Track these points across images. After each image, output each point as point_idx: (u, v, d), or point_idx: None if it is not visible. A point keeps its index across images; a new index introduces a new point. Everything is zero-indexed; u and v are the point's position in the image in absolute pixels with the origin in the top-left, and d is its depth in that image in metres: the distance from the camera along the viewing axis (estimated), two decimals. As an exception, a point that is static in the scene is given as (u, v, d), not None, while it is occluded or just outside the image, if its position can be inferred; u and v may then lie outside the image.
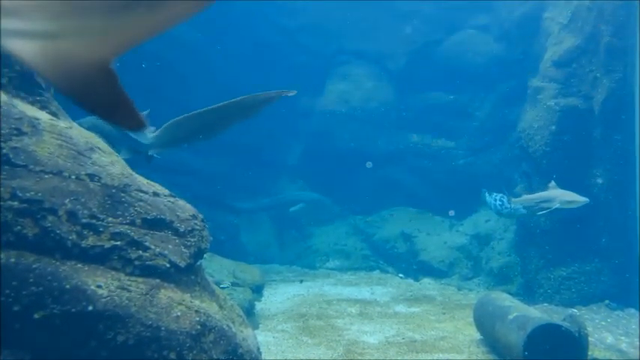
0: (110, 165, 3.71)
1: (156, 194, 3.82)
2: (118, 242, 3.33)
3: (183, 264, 3.58)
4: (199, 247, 3.81)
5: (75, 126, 3.96)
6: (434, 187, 13.09)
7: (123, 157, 4.19)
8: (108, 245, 3.29)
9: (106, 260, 3.27)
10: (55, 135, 3.54)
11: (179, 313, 3.35)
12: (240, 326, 4.09)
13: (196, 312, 3.47)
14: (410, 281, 11.19)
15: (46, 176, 3.26)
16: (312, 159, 13.63)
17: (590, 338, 5.82)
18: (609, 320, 7.96)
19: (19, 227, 3.02)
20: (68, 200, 3.24)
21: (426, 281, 10.96)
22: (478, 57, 12.93)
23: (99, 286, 3.11)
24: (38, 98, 3.84)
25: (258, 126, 13.13)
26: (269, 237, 13.14)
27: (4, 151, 3.19)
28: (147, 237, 3.49)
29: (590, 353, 5.84)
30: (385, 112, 13.50)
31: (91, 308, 3.01)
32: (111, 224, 3.36)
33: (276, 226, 13.37)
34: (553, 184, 7.81)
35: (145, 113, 5.25)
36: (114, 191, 3.52)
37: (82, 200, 3.31)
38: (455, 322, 8.02)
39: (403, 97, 13.59)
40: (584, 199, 7.51)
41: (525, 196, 8.43)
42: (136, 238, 3.42)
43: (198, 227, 3.88)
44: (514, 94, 11.64)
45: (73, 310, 2.97)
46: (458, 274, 10.97)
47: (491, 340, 6.66)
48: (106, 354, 3.04)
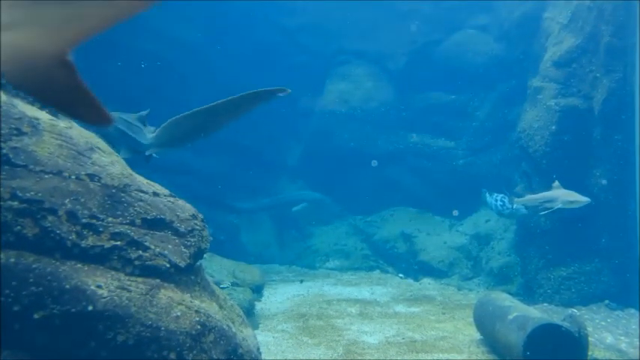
0: (110, 165, 3.71)
1: (156, 194, 3.81)
2: (118, 242, 3.33)
3: (183, 264, 3.58)
4: (199, 247, 3.80)
5: (75, 126, 3.96)
6: (434, 187, 13.08)
7: (122, 156, 4.19)
8: (108, 245, 3.29)
9: (106, 260, 3.27)
10: (55, 135, 3.53)
11: (179, 313, 3.35)
12: (240, 326, 4.09)
13: (196, 312, 3.47)
14: (410, 281, 11.18)
15: (46, 176, 3.25)
16: (311, 159, 13.63)
17: (590, 338, 5.82)
18: (609, 320, 7.96)
19: (19, 227, 3.02)
20: (68, 200, 3.24)
21: (426, 281, 10.96)
22: (478, 57, 12.92)
23: (99, 286, 3.11)
24: (38, 98, 3.83)
25: (258, 126, 13.16)
26: (269, 237, 13.13)
27: (4, 151, 3.19)
28: (147, 237, 3.48)
29: (590, 353, 5.84)
30: (385, 112, 13.49)
31: (90, 308, 3.01)
32: (111, 224, 3.36)
33: (276, 226, 13.37)
34: (557, 183, 7.81)
35: (145, 113, 5.26)
36: (114, 191, 3.52)
37: (82, 200, 3.31)
38: (455, 322, 8.02)
39: (403, 97, 13.58)
40: (586, 199, 7.51)
41: (529, 195, 8.42)
42: (135, 238, 3.42)
43: (198, 227, 3.88)
44: (514, 94, 11.63)
45: (73, 310, 2.97)
46: (458, 274, 10.97)
47: (491, 340, 6.66)
48: (105, 354, 3.04)
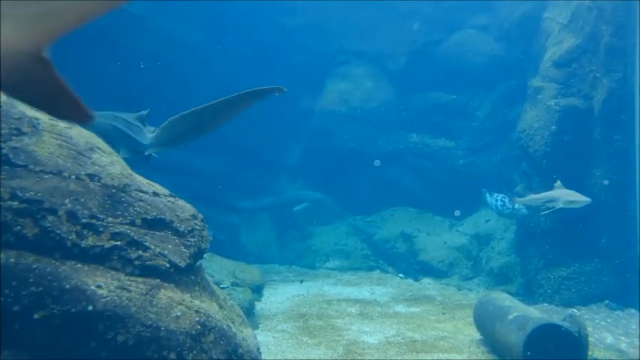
0: (110, 165, 3.71)
1: (156, 194, 3.81)
2: (118, 242, 3.33)
3: (183, 264, 3.58)
4: (199, 247, 3.80)
5: (75, 126, 3.96)
6: (434, 187, 13.08)
7: (122, 156, 4.20)
8: (108, 245, 3.29)
9: (106, 260, 3.27)
10: (54, 135, 3.54)
11: (179, 313, 3.35)
12: (240, 326, 4.09)
13: (196, 312, 3.47)
14: (410, 281, 11.18)
15: (46, 176, 3.25)
16: (311, 159, 13.63)
17: (590, 338, 5.82)
18: (609, 320, 7.96)
19: (19, 227, 3.02)
20: (68, 200, 3.24)
21: (426, 281, 10.96)
22: (478, 57, 12.92)
23: (99, 286, 3.11)
24: (38, 98, 3.83)
25: (258, 126, 13.17)
26: (269, 237, 13.13)
27: (4, 151, 3.19)
28: (147, 237, 3.48)
29: (590, 353, 5.84)
30: (385, 112, 13.49)
31: (90, 308, 3.01)
32: (111, 224, 3.36)
33: (276, 226, 13.37)
34: (559, 183, 7.81)
35: (145, 113, 5.26)
36: (114, 191, 3.52)
37: (82, 200, 3.31)
38: (455, 322, 8.02)
39: (403, 97, 13.58)
40: (587, 199, 7.51)
41: (531, 195, 8.40)
42: (135, 238, 3.42)
43: (198, 227, 3.88)
44: (514, 94, 11.63)
45: (73, 310, 2.97)
46: (458, 274, 10.97)
47: (491, 340, 6.65)
48: (105, 354, 3.04)
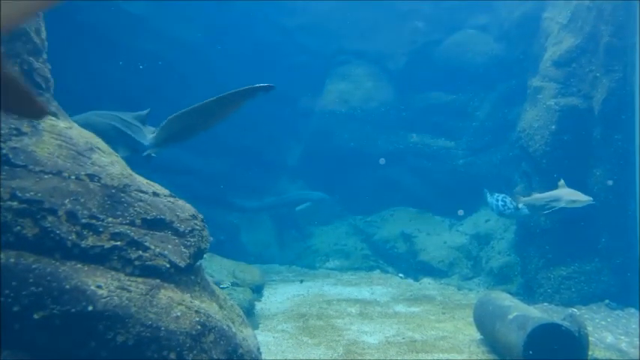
0: (110, 165, 3.71)
1: (156, 194, 3.81)
2: (118, 242, 3.33)
3: (183, 264, 3.58)
4: (199, 247, 3.80)
5: (75, 126, 3.96)
6: (434, 187, 13.08)
7: (120, 155, 4.20)
8: (108, 245, 3.29)
9: (106, 260, 3.27)
10: (54, 135, 3.54)
11: (179, 314, 3.35)
12: (240, 326, 4.09)
13: (196, 312, 3.47)
14: (410, 281, 11.18)
15: (46, 176, 3.25)
16: (312, 159, 13.62)
17: (590, 338, 5.81)
18: (609, 320, 7.95)
19: (19, 227, 3.02)
20: (68, 200, 3.24)
21: (426, 281, 10.96)
22: (478, 57, 12.92)
23: (99, 287, 3.11)
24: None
25: (258, 126, 13.18)
26: (269, 237, 13.13)
27: (4, 151, 3.19)
28: (147, 237, 3.48)
29: (590, 353, 5.83)
30: (385, 112, 13.48)
31: (90, 308, 3.01)
32: (111, 224, 3.36)
33: (276, 226, 13.37)
34: (562, 182, 7.81)
35: (145, 113, 5.27)
36: (114, 191, 3.52)
37: (82, 200, 3.31)
38: (455, 322, 8.02)
39: (403, 97, 13.58)
40: (589, 199, 7.51)
41: (535, 195, 8.39)
42: (135, 238, 3.42)
43: (198, 227, 3.88)
44: (514, 94, 11.63)
45: (73, 310, 2.97)
46: (458, 274, 10.96)
47: (491, 339, 6.65)
48: (105, 354, 3.04)
